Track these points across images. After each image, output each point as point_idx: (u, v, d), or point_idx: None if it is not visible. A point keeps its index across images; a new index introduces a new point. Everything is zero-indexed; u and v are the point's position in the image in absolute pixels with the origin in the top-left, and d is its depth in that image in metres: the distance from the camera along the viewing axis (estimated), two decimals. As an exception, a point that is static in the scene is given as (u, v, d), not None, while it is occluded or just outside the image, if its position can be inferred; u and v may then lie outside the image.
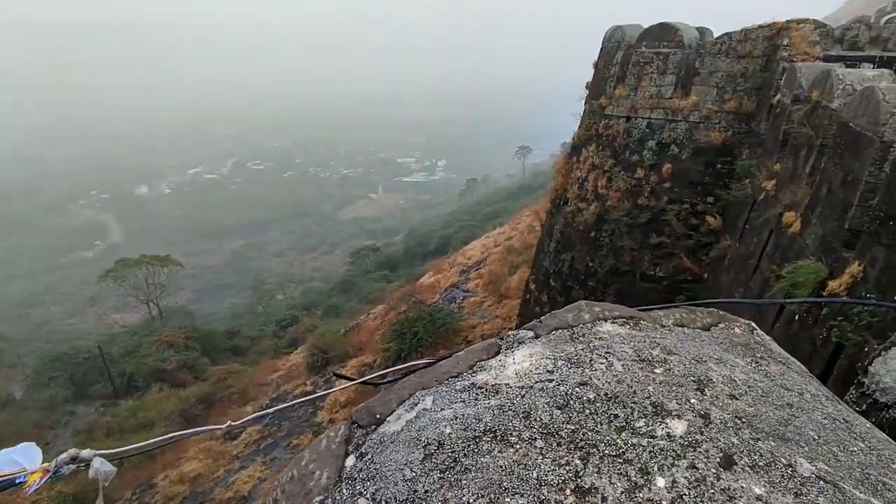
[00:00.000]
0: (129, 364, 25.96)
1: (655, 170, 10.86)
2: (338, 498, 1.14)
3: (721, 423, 1.12)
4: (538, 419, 1.15)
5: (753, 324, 1.55)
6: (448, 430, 1.18)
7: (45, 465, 1.25)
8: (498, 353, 1.47)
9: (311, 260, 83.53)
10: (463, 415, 1.21)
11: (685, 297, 10.73)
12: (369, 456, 1.21)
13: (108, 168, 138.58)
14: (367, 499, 1.09)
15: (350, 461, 1.23)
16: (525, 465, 1.05)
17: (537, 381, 1.27)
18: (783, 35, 9.26)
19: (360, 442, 1.28)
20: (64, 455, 1.27)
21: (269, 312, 45.10)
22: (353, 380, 1.67)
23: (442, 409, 1.26)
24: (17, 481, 1.22)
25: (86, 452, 1.28)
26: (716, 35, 10.61)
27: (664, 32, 10.88)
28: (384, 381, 1.57)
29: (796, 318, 5.67)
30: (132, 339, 30.75)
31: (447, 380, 1.38)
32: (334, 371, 14.17)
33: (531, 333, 1.52)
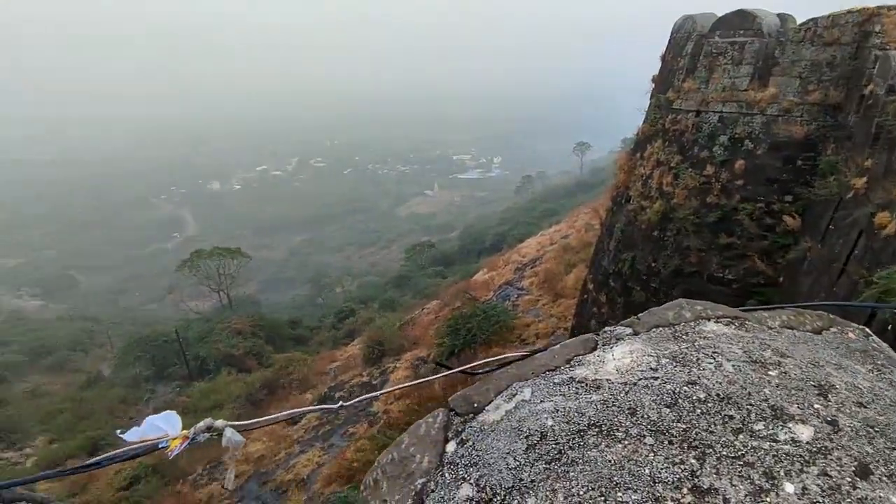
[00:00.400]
0: (203, 348, 27.71)
1: (727, 166, 10.27)
2: (440, 481, 1.18)
3: (851, 430, 1.07)
4: (645, 416, 1.15)
5: (867, 329, 1.46)
6: (550, 423, 1.19)
7: (184, 431, 1.37)
8: (595, 348, 1.47)
9: (368, 255, 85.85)
10: (564, 408, 1.22)
11: (757, 301, 10.09)
12: (470, 443, 1.24)
13: (185, 165, 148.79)
14: (471, 484, 1.12)
15: (451, 447, 1.27)
16: (635, 461, 1.05)
17: (641, 378, 1.27)
18: (874, 21, 8.48)
19: (460, 429, 1.31)
20: (200, 424, 1.39)
21: (328, 304, 46.81)
22: (451, 368, 1.73)
23: (541, 402, 1.28)
24: (161, 446, 1.35)
25: (219, 423, 1.40)
26: (799, 21, 9.87)
27: (741, 20, 10.25)
28: (480, 371, 1.60)
29: (889, 327, 5.21)
30: (205, 325, 32.79)
31: (544, 373, 1.40)
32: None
33: (629, 330, 1.51)
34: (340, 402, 1.63)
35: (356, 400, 1.77)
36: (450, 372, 1.70)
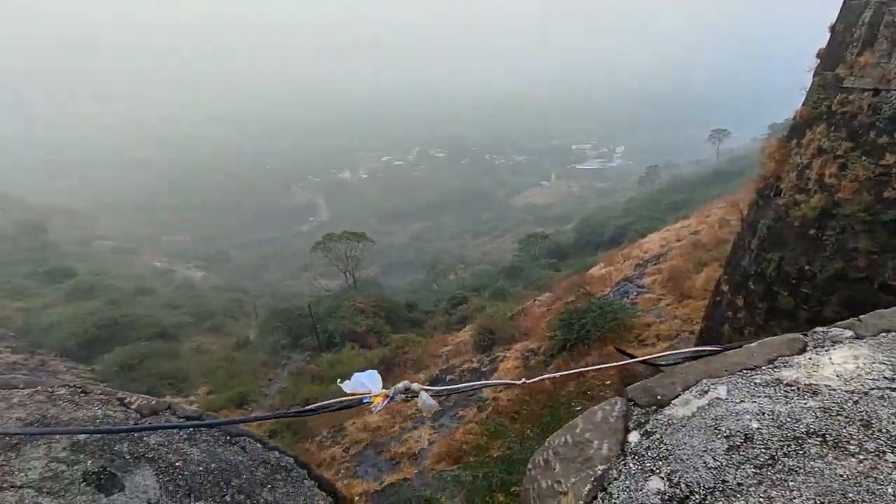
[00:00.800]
0: (331, 323, 30.33)
1: (914, 154, 8.58)
2: (624, 470, 1.16)
3: None
4: (884, 430, 1.05)
5: None
6: (755, 425, 1.14)
7: (384, 390, 1.52)
8: (804, 349, 1.37)
9: (482, 244, 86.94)
10: (772, 411, 1.16)
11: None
12: (657, 436, 1.22)
13: (320, 155, 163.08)
14: (662, 478, 1.10)
15: (633, 437, 1.25)
16: (876, 478, 0.97)
17: (873, 388, 1.16)
18: None
19: (642, 420, 1.29)
20: (400, 385, 1.53)
21: (441, 290, 48.40)
22: (632, 357, 1.72)
23: (741, 402, 1.22)
24: (365, 401, 1.50)
25: (415, 386, 1.52)
26: None
27: (943, -23, 8.41)
28: (666, 363, 1.58)
29: None
30: (333, 302, 35.80)
31: (740, 371, 1.33)
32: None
33: (850, 333, 1.38)
34: (523, 379, 1.68)
35: (538, 379, 1.82)
36: (630, 361, 1.67)
